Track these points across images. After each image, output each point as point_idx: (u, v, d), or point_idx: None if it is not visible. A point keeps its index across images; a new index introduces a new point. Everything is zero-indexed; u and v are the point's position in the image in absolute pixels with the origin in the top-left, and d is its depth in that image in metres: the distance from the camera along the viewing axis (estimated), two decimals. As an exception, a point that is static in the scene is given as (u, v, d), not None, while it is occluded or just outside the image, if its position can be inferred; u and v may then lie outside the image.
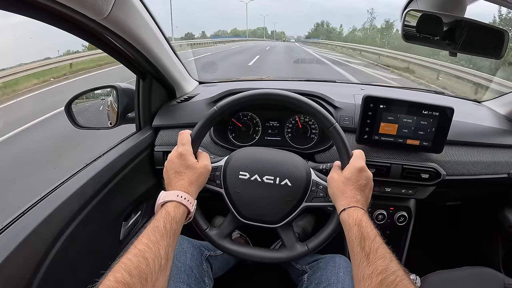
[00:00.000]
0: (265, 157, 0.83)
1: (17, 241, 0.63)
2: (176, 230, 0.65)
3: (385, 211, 1.10)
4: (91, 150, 1.15)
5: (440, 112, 0.95)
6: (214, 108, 0.80)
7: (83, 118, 1.11)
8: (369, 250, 0.61)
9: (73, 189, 0.78)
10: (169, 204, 0.67)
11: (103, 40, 0.84)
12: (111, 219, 0.93)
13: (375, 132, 0.99)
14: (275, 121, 1.14)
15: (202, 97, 1.19)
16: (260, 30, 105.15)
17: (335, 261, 0.91)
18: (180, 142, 0.77)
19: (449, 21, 0.84)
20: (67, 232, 0.73)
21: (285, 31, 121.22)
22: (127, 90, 1.10)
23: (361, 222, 0.66)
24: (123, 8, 0.74)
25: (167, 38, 0.99)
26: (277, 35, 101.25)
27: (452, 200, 1.25)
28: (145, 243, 0.58)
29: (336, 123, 0.77)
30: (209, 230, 0.82)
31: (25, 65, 8.05)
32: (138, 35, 0.83)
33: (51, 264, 0.68)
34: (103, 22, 0.72)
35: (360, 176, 0.73)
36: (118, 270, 0.53)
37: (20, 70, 7.66)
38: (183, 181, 0.72)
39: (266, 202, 0.80)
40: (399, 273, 0.57)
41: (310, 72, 9.83)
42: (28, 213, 0.71)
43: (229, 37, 51.91)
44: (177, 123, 1.11)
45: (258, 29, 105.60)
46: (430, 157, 1.04)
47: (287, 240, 0.82)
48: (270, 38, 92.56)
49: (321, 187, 0.80)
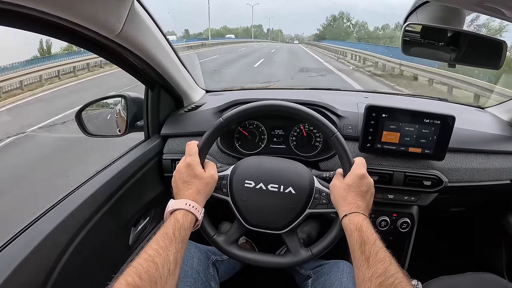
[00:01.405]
0: (269, 166, 0.86)
1: (31, 246, 0.65)
2: (185, 237, 0.68)
3: (388, 217, 1.12)
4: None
5: (442, 121, 0.97)
6: (220, 119, 0.83)
7: (92, 126, 1.14)
8: (369, 254, 0.63)
9: (85, 195, 0.81)
10: (178, 212, 0.70)
11: (115, 55, 0.87)
12: (120, 224, 0.96)
13: (378, 141, 1.01)
14: (280, 129, 1.17)
15: (209, 106, 1.22)
16: (256, 29, 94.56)
17: (339, 267, 0.93)
18: (188, 152, 0.80)
19: (448, 33, 0.86)
20: (79, 237, 0.76)
21: (282, 29, 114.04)
22: (136, 99, 1.13)
23: (361, 227, 0.68)
24: (134, 24, 0.77)
25: (174, 49, 1.02)
26: (274, 33, 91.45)
27: (456, 206, 1.26)
28: (154, 248, 0.61)
29: (337, 132, 0.80)
30: (216, 236, 0.85)
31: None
32: (148, 49, 0.87)
33: (63, 269, 0.71)
34: (115, 38, 0.76)
35: (361, 183, 0.76)
36: (129, 273, 0.56)
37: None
38: (191, 190, 0.75)
39: (271, 210, 0.83)
40: (398, 275, 0.59)
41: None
42: (42, 218, 0.74)
43: (215, 38, 42.48)
44: (185, 132, 1.14)
45: (254, 27, 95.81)
46: (432, 164, 1.05)
47: (291, 246, 0.85)
48: (264, 37, 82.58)
49: (324, 194, 0.83)
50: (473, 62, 0.88)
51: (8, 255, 0.64)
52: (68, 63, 11.34)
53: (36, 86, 9.53)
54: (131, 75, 0.98)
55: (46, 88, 9.56)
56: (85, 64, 11.94)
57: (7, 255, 0.64)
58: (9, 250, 0.65)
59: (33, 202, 1.02)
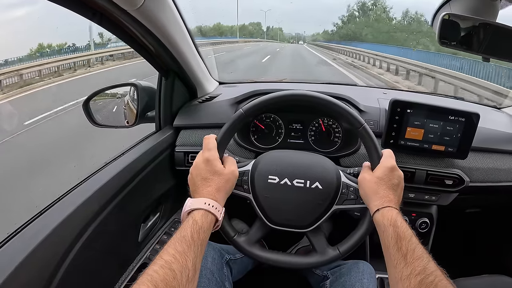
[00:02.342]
0: (294, 160, 0.82)
1: (36, 241, 0.61)
2: (204, 240, 0.62)
3: (407, 217, 1.09)
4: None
5: (466, 118, 0.95)
6: (241, 110, 0.77)
7: (101, 116, 1.09)
8: (406, 251, 0.60)
9: (93, 188, 0.76)
10: (196, 213, 0.64)
11: (131, 35, 0.82)
12: (130, 220, 0.90)
13: (401, 137, 0.98)
14: (298, 123, 1.13)
15: (224, 97, 1.17)
16: (253, 27, 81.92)
17: (359, 267, 0.90)
18: (206, 147, 0.74)
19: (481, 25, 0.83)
20: (87, 233, 0.71)
21: (282, 28, 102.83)
22: (147, 88, 1.08)
23: (396, 222, 0.64)
24: (156, 0, 0.73)
25: (192, 36, 0.98)
26: (273, 32, 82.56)
27: (472, 207, 1.24)
28: (171, 254, 0.56)
29: (365, 123, 0.76)
30: (237, 237, 0.80)
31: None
32: (167, 30, 0.82)
33: (70, 266, 0.66)
34: (134, 13, 0.71)
35: (392, 176, 0.72)
36: (144, 282, 0.50)
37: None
38: (210, 188, 0.69)
39: (296, 207, 0.78)
40: (437, 273, 0.56)
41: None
42: (47, 212, 0.69)
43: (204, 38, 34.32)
44: (200, 123, 1.09)
45: (251, 24, 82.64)
46: (454, 163, 1.03)
47: (317, 245, 0.80)
48: (261, 37, 73.97)
49: (351, 189, 0.79)
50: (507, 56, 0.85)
51: (11, 251, 0.59)
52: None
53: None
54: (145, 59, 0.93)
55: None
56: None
57: (10, 250, 0.59)
58: (12, 245, 0.60)
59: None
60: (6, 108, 7.18)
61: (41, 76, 9.69)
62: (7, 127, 5.23)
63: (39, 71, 9.64)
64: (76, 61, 11.69)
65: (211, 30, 54.05)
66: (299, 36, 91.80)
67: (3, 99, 7.71)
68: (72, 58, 11.63)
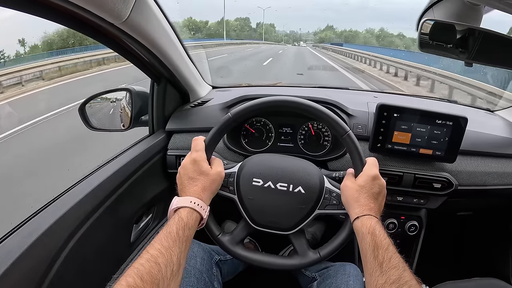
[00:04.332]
0: (278, 164, 0.84)
1: (29, 241, 0.63)
2: (189, 236, 0.65)
3: (396, 220, 1.10)
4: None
5: (454, 122, 0.95)
6: (228, 114, 0.80)
7: (96, 120, 1.12)
8: (383, 259, 0.61)
9: (86, 190, 0.79)
10: (182, 210, 0.68)
11: (120, 44, 0.85)
12: (122, 221, 0.93)
13: (389, 141, 0.99)
14: (288, 127, 1.14)
15: (216, 102, 1.19)
16: (240, 22, 60.04)
17: (345, 269, 0.91)
18: (194, 148, 0.77)
19: (463, 29, 0.84)
20: (79, 234, 0.74)
21: (275, 24, 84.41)
22: (141, 93, 1.11)
23: (374, 230, 0.66)
24: (141, 12, 0.75)
25: (182, 41, 1.00)
26: (262, 29, 64.17)
27: (464, 210, 1.24)
28: (157, 248, 0.59)
29: (350, 130, 0.78)
30: (221, 236, 0.82)
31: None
32: (155, 39, 0.84)
33: (62, 265, 0.68)
34: (121, 26, 0.73)
35: (373, 184, 0.73)
36: (130, 275, 0.53)
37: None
38: (197, 187, 0.72)
39: (279, 209, 0.80)
40: (412, 283, 0.57)
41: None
42: (41, 213, 0.71)
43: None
44: (191, 128, 1.12)
45: (237, 20, 62.31)
46: (442, 166, 1.03)
47: (299, 247, 0.82)
48: (248, 37, 55.34)
49: (334, 194, 0.80)
50: (490, 62, 0.85)
51: (5, 250, 0.61)
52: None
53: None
54: (137, 68, 0.95)
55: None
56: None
57: (3, 249, 0.62)
58: (6, 244, 0.63)
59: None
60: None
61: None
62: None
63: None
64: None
65: (181, 27, 43.06)
66: (295, 35, 79.61)
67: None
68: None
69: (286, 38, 71.98)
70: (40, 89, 8.64)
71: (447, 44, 0.83)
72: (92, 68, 11.80)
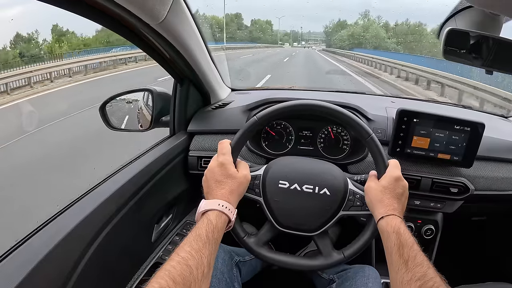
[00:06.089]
0: (304, 166, 0.85)
1: (55, 240, 0.63)
2: (218, 239, 0.66)
3: (413, 224, 1.11)
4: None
5: (472, 127, 0.97)
6: (255, 118, 0.81)
7: (116, 119, 1.13)
8: (408, 257, 0.63)
9: (111, 190, 0.79)
10: (211, 213, 0.69)
11: (149, 44, 0.86)
12: (144, 221, 0.94)
13: (408, 146, 1.01)
14: (308, 130, 1.16)
15: (237, 104, 1.21)
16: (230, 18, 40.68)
17: (364, 272, 0.92)
18: (221, 151, 0.78)
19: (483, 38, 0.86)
20: (103, 233, 0.74)
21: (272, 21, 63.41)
22: (162, 94, 1.12)
23: (399, 229, 0.68)
24: (177, 14, 0.77)
25: (207, 43, 1.02)
26: (258, 26, 49.25)
27: (478, 215, 1.25)
28: (188, 251, 0.59)
29: (373, 134, 0.80)
30: (247, 238, 0.83)
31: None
32: (186, 41, 0.86)
33: (87, 264, 0.69)
34: (157, 27, 0.75)
35: (397, 185, 0.75)
36: (162, 277, 0.54)
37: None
38: (224, 190, 0.73)
39: (304, 211, 0.82)
40: (437, 279, 0.59)
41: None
42: (66, 212, 0.72)
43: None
44: (213, 129, 1.13)
45: (228, 16, 42.69)
46: (459, 171, 1.05)
47: (323, 248, 0.83)
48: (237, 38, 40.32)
49: (358, 196, 0.82)
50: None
51: (32, 248, 0.62)
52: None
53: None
54: (162, 67, 0.97)
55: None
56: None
57: (30, 248, 0.62)
58: (33, 242, 0.63)
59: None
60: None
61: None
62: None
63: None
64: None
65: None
66: (295, 34, 68.58)
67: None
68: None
69: (286, 38, 62.50)
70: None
71: (469, 52, 0.85)
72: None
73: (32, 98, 8.40)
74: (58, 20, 16.39)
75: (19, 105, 7.45)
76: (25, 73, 9.18)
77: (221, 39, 30.33)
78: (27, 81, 9.21)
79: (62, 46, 14.50)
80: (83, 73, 11.35)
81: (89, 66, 12.01)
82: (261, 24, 52.88)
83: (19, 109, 7.26)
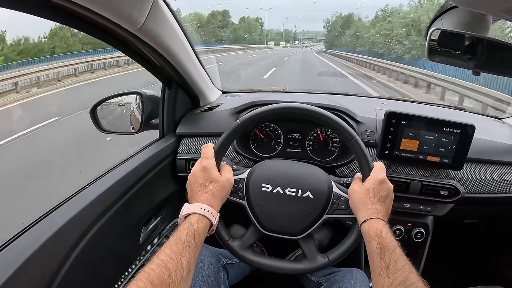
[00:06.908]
0: (287, 170, 0.85)
1: (40, 240, 0.64)
2: (199, 242, 0.67)
3: (403, 226, 1.10)
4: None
5: (461, 130, 0.95)
6: (237, 121, 0.81)
7: (107, 122, 1.14)
8: (389, 261, 0.62)
9: (97, 192, 0.80)
10: (193, 217, 0.69)
11: (133, 49, 0.87)
12: (132, 223, 0.94)
13: (396, 148, 1.00)
14: (297, 133, 1.15)
15: (226, 107, 1.21)
16: (217, 17, 35.15)
17: (352, 275, 0.91)
18: (204, 155, 0.79)
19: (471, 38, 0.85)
20: (89, 235, 0.75)
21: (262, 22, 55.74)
22: (152, 97, 1.12)
23: (381, 233, 0.67)
24: (156, 19, 0.77)
25: (194, 47, 1.02)
26: (248, 24, 43.46)
27: (470, 218, 1.24)
28: (168, 253, 0.60)
29: (357, 136, 0.79)
30: (231, 241, 0.84)
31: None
32: (168, 45, 0.86)
33: (72, 266, 0.69)
34: (137, 32, 0.75)
35: (381, 188, 0.75)
36: (141, 279, 0.54)
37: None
38: (206, 194, 0.73)
39: (288, 214, 0.82)
40: (418, 284, 0.58)
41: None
42: (52, 214, 0.73)
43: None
44: (201, 132, 1.14)
45: (215, 13, 37.55)
46: (449, 174, 1.03)
47: (308, 252, 0.83)
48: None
49: (342, 199, 0.81)
50: (498, 70, 0.86)
51: (17, 249, 0.63)
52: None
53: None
54: (149, 72, 0.97)
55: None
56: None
57: (15, 249, 0.63)
58: (18, 244, 0.64)
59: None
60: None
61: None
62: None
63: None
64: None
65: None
66: (288, 33, 63.78)
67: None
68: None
69: (277, 38, 56.04)
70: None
71: (456, 51, 0.84)
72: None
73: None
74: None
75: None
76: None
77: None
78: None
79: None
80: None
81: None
82: (249, 22, 46.27)
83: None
